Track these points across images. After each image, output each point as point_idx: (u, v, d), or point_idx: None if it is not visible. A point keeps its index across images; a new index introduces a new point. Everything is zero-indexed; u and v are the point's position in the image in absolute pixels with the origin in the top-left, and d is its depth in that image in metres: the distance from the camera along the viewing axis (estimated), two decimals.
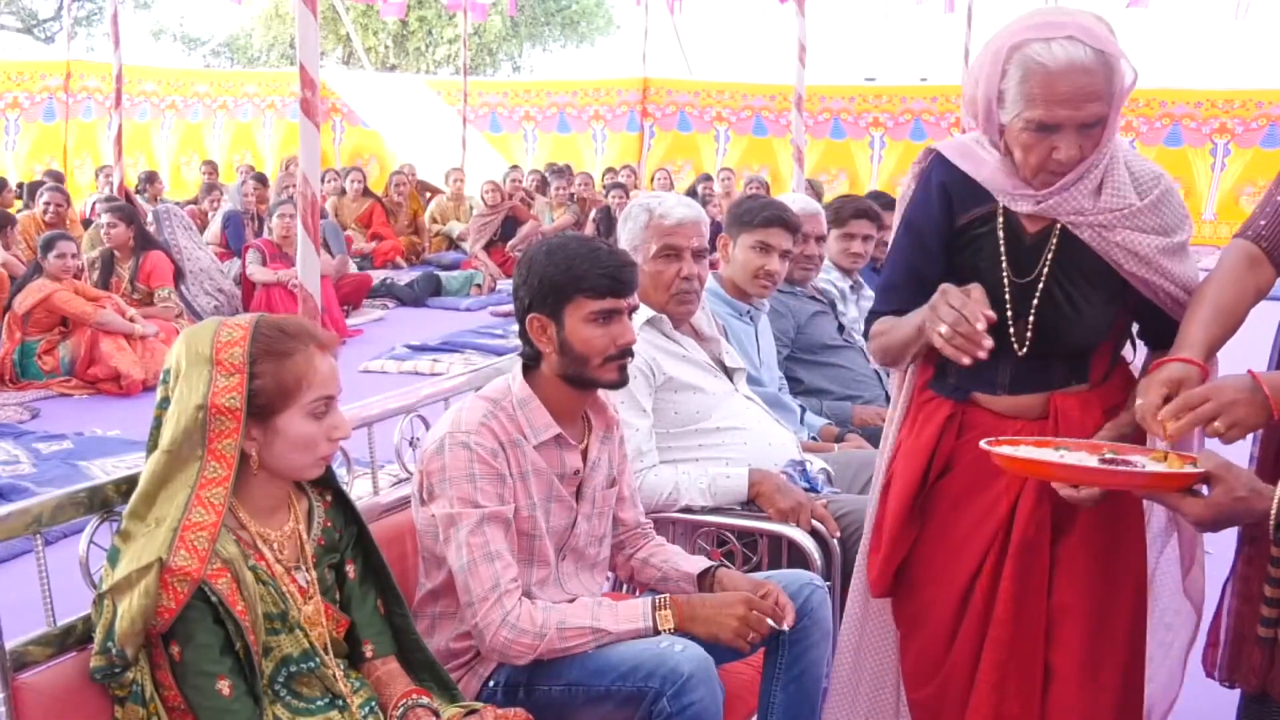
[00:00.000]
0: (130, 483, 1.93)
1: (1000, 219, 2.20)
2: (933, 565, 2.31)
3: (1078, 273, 2.18)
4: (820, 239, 4.08)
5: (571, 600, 2.35)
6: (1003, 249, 2.20)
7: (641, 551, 2.61)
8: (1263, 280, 2.16)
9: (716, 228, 5.98)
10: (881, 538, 2.35)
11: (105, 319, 7.46)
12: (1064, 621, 2.21)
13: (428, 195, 14.25)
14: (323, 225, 8.58)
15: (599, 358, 2.33)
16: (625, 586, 2.87)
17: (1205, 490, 1.86)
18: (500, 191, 12.99)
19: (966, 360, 2.03)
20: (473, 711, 2.05)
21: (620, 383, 2.40)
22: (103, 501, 1.95)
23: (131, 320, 7.63)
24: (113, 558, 1.82)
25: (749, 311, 3.63)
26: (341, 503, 2.12)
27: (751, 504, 2.98)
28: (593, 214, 13.70)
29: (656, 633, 2.25)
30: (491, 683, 2.30)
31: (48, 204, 9.70)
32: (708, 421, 3.08)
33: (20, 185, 13.37)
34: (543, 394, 2.38)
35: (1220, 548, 2.34)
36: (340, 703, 1.97)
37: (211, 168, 14.77)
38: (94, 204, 11.01)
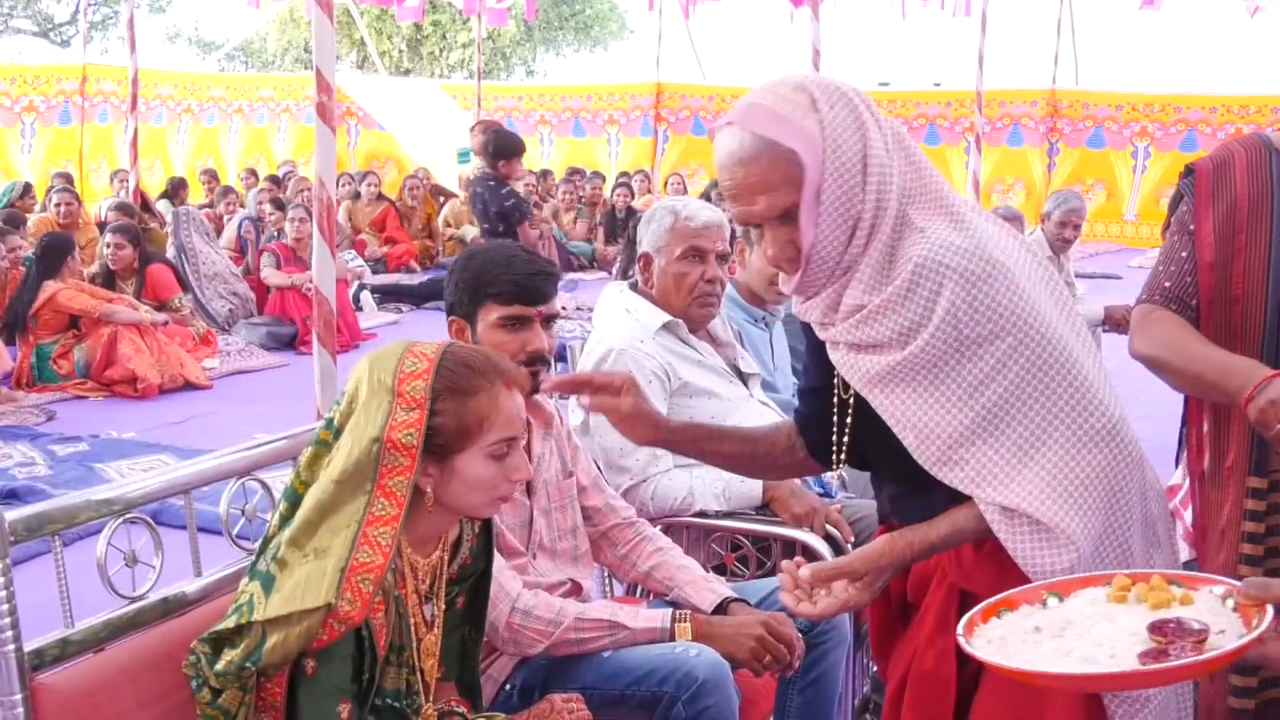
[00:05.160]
0: (145, 485, 1.93)
1: None
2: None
3: None
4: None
5: (565, 592, 2.38)
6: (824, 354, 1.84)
7: (642, 560, 2.58)
8: None
9: (732, 233, 5.96)
10: None
11: (111, 310, 7.50)
12: None
13: (441, 199, 14.27)
14: None
15: None
16: (638, 590, 2.87)
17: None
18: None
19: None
20: None
21: (532, 390, 2.31)
22: (123, 506, 1.96)
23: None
24: (266, 584, 1.73)
25: (764, 317, 3.62)
26: (487, 537, 2.03)
27: (765, 508, 2.98)
28: (598, 216, 13.72)
29: (673, 639, 2.26)
30: (508, 686, 2.31)
31: (59, 205, 9.85)
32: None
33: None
34: None
35: None
36: None
37: (211, 176, 14.75)
38: (108, 209, 11.06)
